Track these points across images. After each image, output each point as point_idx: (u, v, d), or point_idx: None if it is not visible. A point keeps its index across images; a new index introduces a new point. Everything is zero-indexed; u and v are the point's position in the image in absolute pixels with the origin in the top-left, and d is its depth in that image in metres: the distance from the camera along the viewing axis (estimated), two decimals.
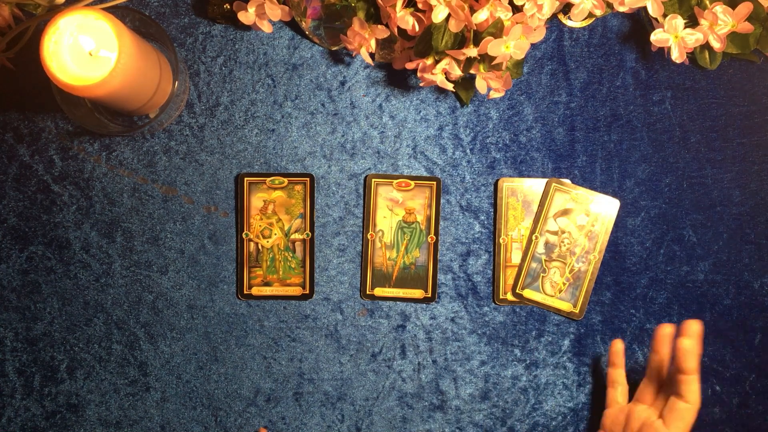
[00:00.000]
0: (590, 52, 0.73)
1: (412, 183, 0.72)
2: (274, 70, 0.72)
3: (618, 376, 0.69)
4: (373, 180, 0.72)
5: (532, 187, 0.72)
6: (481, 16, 0.61)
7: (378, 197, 0.72)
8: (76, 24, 0.57)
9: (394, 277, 0.72)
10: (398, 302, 0.72)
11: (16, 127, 0.71)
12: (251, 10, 0.67)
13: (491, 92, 0.68)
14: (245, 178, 0.71)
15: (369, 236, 0.72)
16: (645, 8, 0.67)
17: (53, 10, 0.69)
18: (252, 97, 0.72)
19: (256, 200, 0.72)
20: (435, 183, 0.72)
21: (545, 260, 0.72)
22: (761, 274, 0.73)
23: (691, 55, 0.71)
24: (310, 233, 0.72)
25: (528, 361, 0.72)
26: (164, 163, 0.72)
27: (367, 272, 0.72)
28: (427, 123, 0.72)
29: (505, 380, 0.72)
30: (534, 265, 0.72)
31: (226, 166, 0.72)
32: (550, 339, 0.72)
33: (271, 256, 0.72)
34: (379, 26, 0.65)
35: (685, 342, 0.62)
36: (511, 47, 0.62)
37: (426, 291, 0.72)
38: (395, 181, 0.72)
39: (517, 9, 0.63)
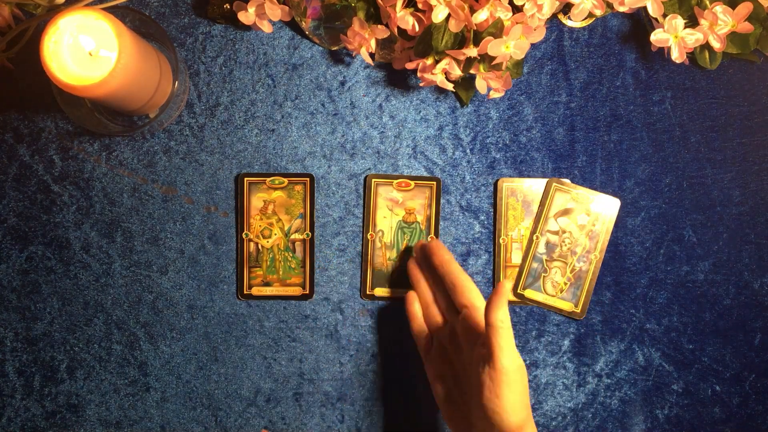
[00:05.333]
0: (590, 52, 0.73)
1: (412, 183, 0.72)
2: (274, 70, 0.72)
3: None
4: (373, 180, 0.72)
5: (532, 187, 0.72)
6: (481, 16, 0.61)
7: (378, 197, 0.72)
8: (76, 24, 0.57)
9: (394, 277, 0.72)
10: (398, 302, 0.72)
11: (16, 127, 0.71)
12: (251, 10, 0.67)
13: (491, 92, 0.68)
14: (245, 178, 0.71)
15: (369, 236, 0.72)
16: (645, 8, 0.67)
17: (53, 10, 0.69)
18: (252, 97, 0.72)
19: (256, 200, 0.72)
20: (435, 183, 0.72)
21: (546, 260, 0.72)
22: (761, 274, 0.73)
23: (691, 55, 0.72)
24: (310, 233, 0.72)
25: (528, 361, 0.72)
26: (164, 163, 0.72)
27: (367, 272, 0.72)
28: (427, 123, 0.72)
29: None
30: (535, 265, 0.72)
31: (226, 166, 0.72)
32: (550, 339, 0.72)
33: (271, 256, 0.72)
34: (379, 26, 0.65)
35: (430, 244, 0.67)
36: (511, 47, 0.62)
37: None
38: (395, 181, 0.72)
39: (517, 9, 0.63)
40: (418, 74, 0.66)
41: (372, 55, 0.68)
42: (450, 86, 0.67)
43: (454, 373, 0.65)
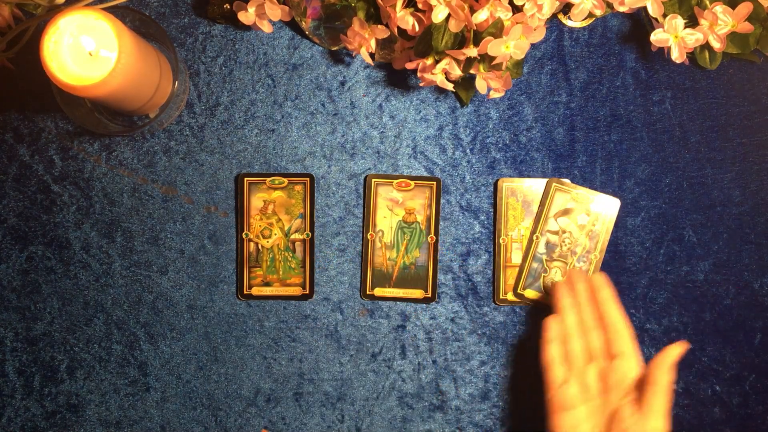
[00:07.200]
0: (590, 52, 0.73)
1: (412, 183, 0.72)
2: (274, 70, 0.72)
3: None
4: (373, 180, 0.72)
5: (531, 187, 0.72)
6: (481, 16, 0.61)
7: (378, 197, 0.72)
8: (76, 24, 0.57)
9: (394, 277, 0.72)
10: (398, 302, 0.72)
11: (16, 127, 0.71)
12: (251, 10, 0.67)
13: (491, 92, 0.68)
14: (245, 178, 0.71)
15: (369, 236, 0.72)
16: (645, 8, 0.67)
17: (53, 10, 0.69)
18: (252, 97, 0.72)
19: (256, 200, 0.72)
20: (435, 183, 0.72)
21: (546, 260, 0.72)
22: (761, 274, 0.73)
23: (691, 55, 0.72)
24: (310, 233, 0.72)
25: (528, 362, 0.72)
26: (164, 163, 0.72)
27: (367, 272, 0.72)
28: (427, 123, 0.72)
29: (505, 380, 0.72)
30: (535, 265, 0.72)
31: (226, 166, 0.72)
32: None
33: (271, 256, 0.72)
34: (379, 26, 0.65)
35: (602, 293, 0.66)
36: (511, 47, 0.62)
37: (426, 291, 0.72)
38: (395, 181, 0.72)
39: (517, 9, 0.63)
40: (418, 74, 0.66)
41: (372, 55, 0.68)
42: (450, 86, 0.66)
43: (589, 411, 0.63)
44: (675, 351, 0.62)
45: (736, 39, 0.69)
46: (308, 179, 0.72)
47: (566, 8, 0.71)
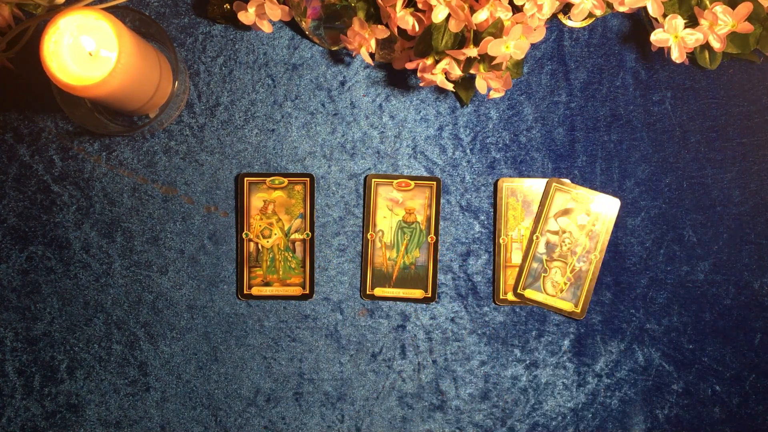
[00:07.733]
0: (590, 52, 0.73)
1: (412, 183, 0.72)
2: (274, 70, 0.72)
3: None
4: (373, 180, 0.72)
5: (532, 187, 0.72)
6: (481, 16, 0.61)
7: (378, 197, 0.72)
8: (76, 24, 0.57)
9: (394, 277, 0.72)
10: (398, 302, 0.72)
11: (16, 127, 0.71)
12: (251, 10, 0.67)
13: (491, 92, 0.68)
14: (245, 178, 0.71)
15: (369, 236, 0.72)
16: (645, 8, 0.67)
17: (53, 10, 0.69)
18: (252, 97, 0.72)
19: (256, 200, 0.72)
20: (435, 183, 0.72)
21: (546, 260, 0.72)
22: (761, 274, 0.73)
23: (691, 55, 0.72)
24: (310, 233, 0.72)
25: (528, 361, 0.72)
26: (164, 163, 0.72)
27: (367, 272, 0.72)
28: (427, 123, 0.72)
29: (505, 380, 0.72)
30: (535, 265, 0.72)
31: (226, 166, 0.72)
32: (550, 339, 0.72)
33: (271, 256, 0.72)
34: (379, 26, 0.65)
35: None
36: (511, 47, 0.62)
37: (426, 291, 0.72)
38: (395, 181, 0.72)
39: (517, 9, 0.63)
40: (418, 74, 0.66)
41: (372, 55, 0.68)
42: (450, 86, 0.66)
43: None
44: None
45: (736, 39, 0.69)
46: (308, 179, 0.72)
47: (566, 8, 0.71)
